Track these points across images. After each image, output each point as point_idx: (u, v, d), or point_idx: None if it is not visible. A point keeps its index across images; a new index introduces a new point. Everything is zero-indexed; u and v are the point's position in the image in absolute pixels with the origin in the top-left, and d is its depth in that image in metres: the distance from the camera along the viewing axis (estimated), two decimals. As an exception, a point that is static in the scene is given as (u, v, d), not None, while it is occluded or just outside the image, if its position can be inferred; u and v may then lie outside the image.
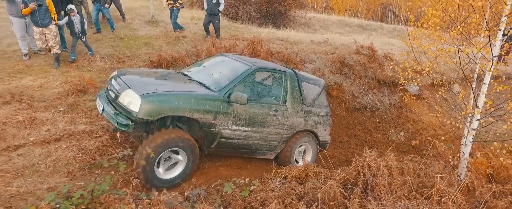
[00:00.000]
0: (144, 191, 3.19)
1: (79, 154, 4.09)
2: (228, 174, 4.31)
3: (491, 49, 3.93)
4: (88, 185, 2.37)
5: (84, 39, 6.71)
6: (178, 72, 4.86)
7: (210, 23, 8.65)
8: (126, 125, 3.47)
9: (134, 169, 3.53)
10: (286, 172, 4.05)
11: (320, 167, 4.23)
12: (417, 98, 8.14)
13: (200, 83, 4.23)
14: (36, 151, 4.00)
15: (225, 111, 3.96)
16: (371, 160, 3.65)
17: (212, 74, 4.49)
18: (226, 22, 11.13)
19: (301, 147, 5.05)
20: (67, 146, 4.18)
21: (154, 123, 3.83)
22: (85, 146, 4.25)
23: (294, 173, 3.99)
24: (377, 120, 7.72)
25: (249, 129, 4.26)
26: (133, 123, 3.52)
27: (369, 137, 7.28)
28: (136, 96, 3.47)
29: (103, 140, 4.43)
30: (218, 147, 4.15)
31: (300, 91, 4.81)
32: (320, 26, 16.65)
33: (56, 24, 6.25)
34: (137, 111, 3.39)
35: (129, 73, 4.29)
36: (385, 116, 7.83)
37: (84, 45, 6.83)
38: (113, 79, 4.04)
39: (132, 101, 3.47)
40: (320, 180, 3.72)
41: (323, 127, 5.16)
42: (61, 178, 3.64)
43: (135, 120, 3.48)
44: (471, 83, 4.42)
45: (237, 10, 13.12)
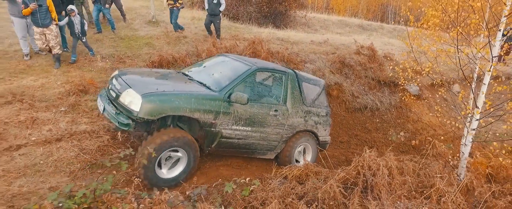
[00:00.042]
0: (145, 190, 3.21)
1: (80, 154, 4.11)
2: (228, 173, 4.33)
3: (491, 50, 3.94)
4: (91, 184, 2.39)
5: (84, 40, 6.71)
6: (179, 72, 4.88)
7: (211, 23, 8.66)
8: (127, 125, 3.48)
9: (135, 169, 3.55)
10: (286, 172, 4.06)
11: (320, 167, 4.24)
12: (417, 98, 8.15)
13: (200, 83, 4.25)
14: (37, 151, 4.02)
15: (226, 111, 3.97)
16: (371, 160, 3.66)
17: (212, 74, 4.51)
18: (227, 22, 11.14)
19: (301, 147, 5.07)
20: (69, 146, 4.20)
21: (154, 123, 3.84)
22: (86, 146, 4.27)
23: (294, 173, 4.01)
24: (377, 120, 7.74)
25: (250, 129, 4.28)
26: (134, 123, 3.53)
27: (369, 137, 7.29)
28: (137, 95, 3.48)
29: (104, 140, 4.45)
30: (218, 146, 4.17)
31: (300, 91, 4.82)
32: (320, 26, 16.67)
33: (56, 24, 6.27)
34: (138, 111, 3.41)
35: (130, 72, 4.31)
36: (385, 116, 7.84)
37: (84, 46, 6.84)
38: (114, 79, 4.06)
39: (133, 101, 3.48)
40: (320, 180, 3.74)
41: (323, 127, 5.18)
42: (63, 178, 3.66)
43: (136, 119, 3.49)
44: (471, 84, 4.43)
45: (237, 10, 13.13)
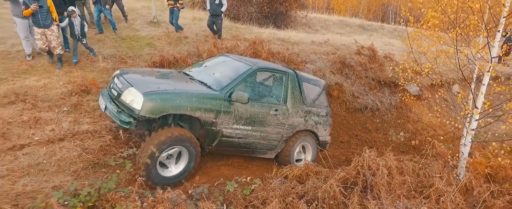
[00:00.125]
0: (148, 189, 3.24)
1: (83, 153, 4.15)
2: (229, 173, 4.36)
3: (490, 51, 3.97)
4: (95, 183, 2.43)
5: (84, 42, 6.69)
6: (180, 71, 4.92)
7: (213, 23, 8.70)
8: (129, 123, 3.51)
9: (137, 168, 3.58)
10: (286, 172, 4.09)
11: (321, 167, 4.28)
12: (417, 98, 8.18)
13: (201, 82, 4.28)
14: (40, 150, 4.06)
15: (226, 110, 4.00)
16: (371, 160, 3.70)
17: (213, 74, 4.54)
18: (227, 23, 11.18)
19: (301, 147, 5.10)
20: (71, 146, 4.24)
21: (156, 121, 3.87)
22: (89, 145, 4.31)
23: (294, 173, 4.05)
24: (378, 120, 7.77)
25: (250, 128, 4.31)
26: (135, 121, 3.55)
27: (369, 137, 7.32)
28: (138, 94, 3.51)
29: (106, 140, 4.49)
30: (219, 145, 4.20)
31: (301, 91, 4.86)
32: (321, 26, 16.70)
33: (57, 25, 6.30)
34: (140, 109, 3.43)
35: (131, 72, 4.34)
36: (386, 116, 7.87)
37: (85, 47, 6.83)
38: (115, 78, 4.09)
39: (135, 99, 3.51)
40: (320, 180, 3.78)
41: (323, 127, 5.21)
42: (66, 177, 3.70)
43: (138, 118, 3.51)
44: (470, 84, 4.46)
45: (238, 10, 13.17)
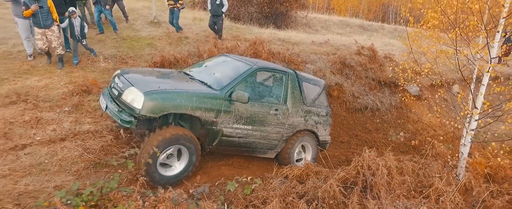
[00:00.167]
0: (149, 188, 3.27)
1: (84, 153, 4.18)
2: (230, 173, 4.38)
3: (489, 51, 3.99)
4: (97, 183, 2.45)
5: (84, 43, 6.68)
6: (180, 71, 4.94)
7: (215, 24, 8.72)
8: (129, 122, 3.52)
9: (138, 167, 3.59)
10: (287, 172, 4.12)
11: (321, 167, 4.30)
12: (417, 98, 8.19)
13: (202, 82, 4.29)
14: (42, 150, 4.08)
15: (227, 110, 4.02)
16: (370, 160, 3.72)
17: (213, 74, 4.56)
18: (228, 23, 11.20)
19: (301, 147, 5.11)
20: (73, 146, 4.26)
21: (156, 121, 3.88)
22: (90, 145, 4.34)
23: (294, 173, 4.07)
24: (378, 121, 7.78)
25: (250, 127, 4.32)
26: (136, 120, 3.57)
27: (369, 137, 7.34)
28: (139, 93, 3.53)
29: (107, 140, 4.51)
30: (219, 145, 4.21)
31: (301, 91, 4.87)
32: (321, 26, 16.72)
33: (58, 25, 6.31)
34: (140, 108, 3.45)
35: (132, 72, 4.36)
36: (386, 117, 7.89)
37: (85, 48, 6.81)
38: (116, 77, 4.11)
39: (135, 98, 3.53)
40: (321, 179, 3.80)
41: (323, 127, 5.23)
42: (67, 177, 3.73)
43: (138, 117, 3.53)
44: (470, 84, 4.48)
45: (238, 10, 13.19)
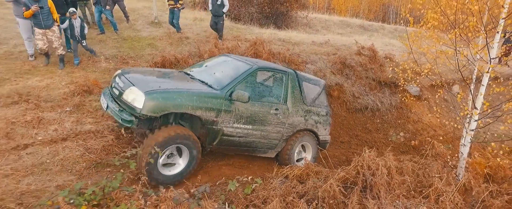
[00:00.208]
0: (151, 188, 3.28)
1: (85, 153, 4.20)
2: (230, 173, 4.40)
3: (489, 52, 4.01)
4: (100, 182, 2.47)
5: (84, 44, 6.67)
6: (181, 71, 4.96)
7: (216, 24, 8.75)
8: (130, 121, 3.54)
9: (139, 167, 3.61)
10: (287, 172, 4.14)
11: (321, 167, 4.31)
12: (417, 99, 8.21)
13: (202, 81, 4.31)
14: (44, 150, 4.10)
15: (227, 109, 4.04)
16: (370, 160, 3.74)
17: (214, 73, 4.58)
18: (228, 23, 11.21)
19: (302, 146, 5.13)
20: (74, 146, 4.28)
21: (157, 120, 3.90)
22: (91, 145, 4.36)
23: (295, 172, 4.09)
24: (378, 121, 7.80)
25: (250, 127, 4.34)
26: (137, 120, 3.58)
27: (369, 137, 7.35)
28: (140, 93, 3.55)
29: (108, 140, 4.53)
30: (219, 144, 4.23)
31: (301, 90, 4.89)
32: (321, 26, 16.73)
33: (58, 25, 6.33)
34: (141, 108, 3.47)
35: (132, 71, 4.38)
36: (386, 117, 7.90)
37: (85, 49, 6.80)
38: (117, 77, 4.13)
39: (136, 98, 3.55)
40: (321, 179, 3.82)
41: (323, 126, 5.25)
42: (69, 176, 3.75)
43: (139, 116, 3.54)
44: (469, 85, 4.50)
45: (239, 11, 13.20)
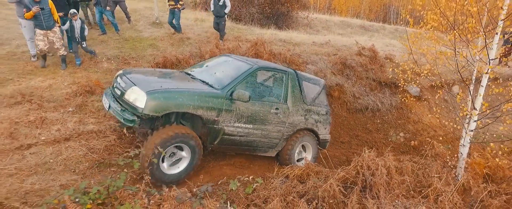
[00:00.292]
0: (153, 187, 3.32)
1: (88, 153, 4.24)
2: (231, 173, 4.44)
3: (488, 53, 4.04)
4: (104, 181, 2.52)
5: (84, 45, 6.66)
6: (182, 71, 5.01)
7: (218, 24, 8.79)
8: (132, 121, 3.57)
9: (141, 166, 3.65)
10: (287, 171, 4.17)
11: (321, 167, 4.35)
12: (417, 99, 8.24)
13: (203, 81, 4.35)
14: (47, 150, 4.15)
15: (228, 108, 4.08)
16: (370, 160, 3.78)
17: (215, 73, 4.63)
18: (229, 24, 11.23)
19: (302, 146, 5.16)
20: (77, 145, 4.33)
21: (158, 120, 3.94)
22: (94, 145, 4.40)
23: (295, 172, 4.13)
24: (378, 121, 7.83)
25: (251, 126, 4.37)
26: (139, 119, 3.62)
27: (370, 137, 7.39)
28: (141, 92, 3.59)
29: (111, 140, 4.58)
30: (220, 143, 4.26)
31: (301, 90, 4.93)
32: (322, 27, 16.75)
33: (59, 26, 6.36)
34: (143, 107, 3.51)
35: (134, 72, 4.42)
36: (386, 117, 7.94)
37: (85, 51, 6.78)
38: (118, 77, 4.18)
39: (138, 98, 3.59)
40: (321, 179, 3.85)
41: (323, 125, 5.28)
42: (72, 176, 3.79)
43: (141, 116, 3.58)
44: (469, 86, 4.53)
45: (240, 11, 13.22)
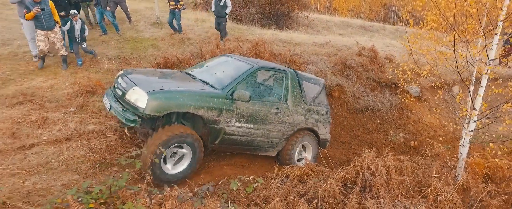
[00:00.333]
0: (155, 187, 3.35)
1: (89, 153, 4.27)
2: (232, 173, 4.46)
3: (487, 53, 4.06)
4: (107, 181, 2.55)
5: (84, 46, 6.67)
6: (183, 71, 5.03)
7: (219, 25, 8.81)
8: (134, 121, 3.58)
9: (143, 166, 3.66)
10: (288, 171, 4.19)
11: (321, 167, 4.37)
12: (417, 99, 8.25)
13: (204, 81, 4.37)
14: (49, 149, 4.18)
15: (229, 108, 4.10)
16: (370, 160, 3.80)
17: (215, 73, 4.65)
18: (230, 24, 11.24)
19: (302, 146, 5.17)
20: (78, 145, 4.35)
21: (159, 120, 3.96)
22: (95, 145, 4.43)
23: (295, 172, 4.15)
24: (378, 121, 7.85)
25: (252, 126, 4.39)
26: (140, 119, 3.63)
27: (370, 137, 7.41)
28: (142, 93, 3.60)
29: (112, 140, 4.61)
30: (221, 143, 4.28)
31: (301, 90, 4.95)
32: (322, 27, 16.76)
33: (60, 27, 6.38)
34: (144, 107, 3.52)
35: (135, 72, 4.45)
36: (386, 117, 7.95)
37: (84, 52, 6.79)
38: (119, 78, 4.19)
39: (139, 98, 3.60)
40: (321, 179, 3.87)
41: (323, 125, 5.30)
42: (74, 176, 3.82)
43: (142, 116, 3.60)
44: (468, 86, 4.55)
45: (240, 11, 13.24)
